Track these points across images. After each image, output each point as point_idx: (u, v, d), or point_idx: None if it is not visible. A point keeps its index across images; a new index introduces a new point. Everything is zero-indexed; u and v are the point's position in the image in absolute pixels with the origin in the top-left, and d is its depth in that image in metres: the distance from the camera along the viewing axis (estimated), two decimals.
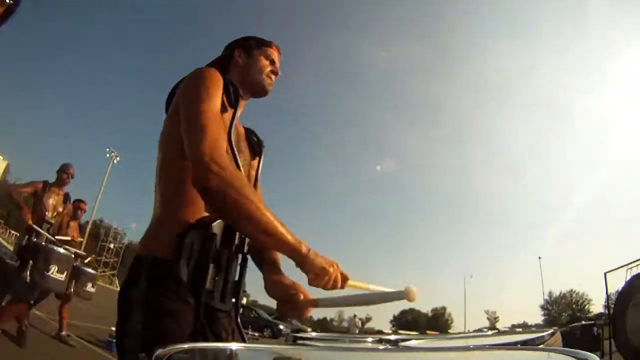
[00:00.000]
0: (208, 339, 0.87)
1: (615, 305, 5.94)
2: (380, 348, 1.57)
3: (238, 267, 1.06)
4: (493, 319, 51.01)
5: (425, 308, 61.49)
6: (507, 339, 1.80)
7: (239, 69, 1.20)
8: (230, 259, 1.01)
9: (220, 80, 1.04)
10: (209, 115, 0.95)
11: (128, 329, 0.86)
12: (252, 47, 1.23)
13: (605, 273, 7.14)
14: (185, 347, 0.60)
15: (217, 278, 0.96)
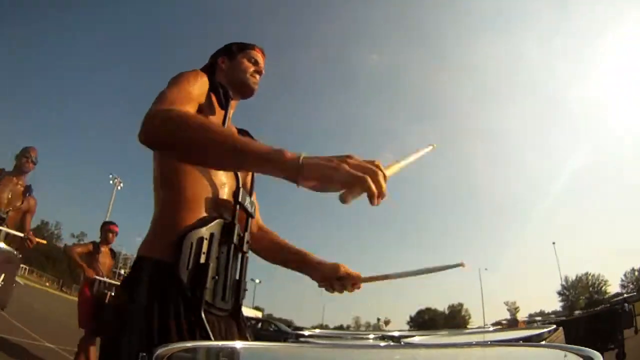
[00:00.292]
0: (209, 338, 0.86)
1: None
2: (382, 345, 1.57)
3: (238, 266, 1.06)
4: (514, 310, 50.83)
5: (442, 306, 61.57)
6: (509, 335, 1.80)
7: (224, 73, 1.22)
8: (230, 258, 1.01)
9: (201, 75, 1.06)
10: (174, 89, 0.96)
11: (127, 328, 0.86)
12: (234, 51, 1.25)
13: None
14: (187, 345, 0.60)
15: (217, 277, 0.97)
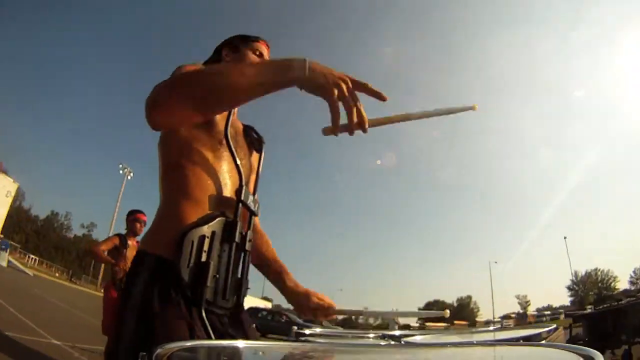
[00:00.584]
0: (210, 337, 0.86)
1: None
2: (383, 344, 1.57)
3: (240, 264, 1.06)
4: (525, 303, 50.82)
5: (451, 299, 61.55)
6: (509, 335, 1.80)
7: None
8: (232, 257, 1.01)
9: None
10: (179, 73, 0.96)
11: (127, 327, 0.85)
12: (238, 44, 1.24)
13: None
14: (187, 345, 0.60)
15: (218, 276, 0.96)
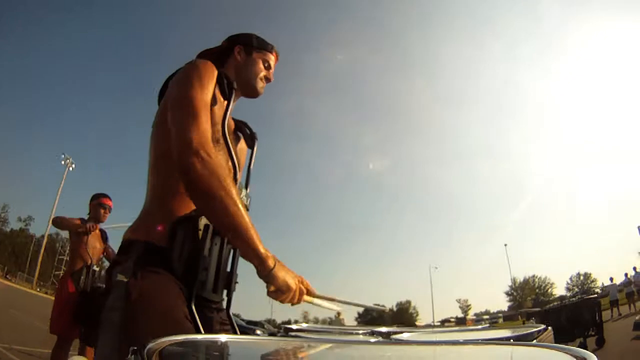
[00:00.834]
0: (200, 331, 0.85)
1: None
2: (372, 340, 1.57)
3: (230, 258, 1.05)
4: (465, 307, 52.08)
5: (390, 303, 62.46)
6: (499, 334, 1.81)
7: (236, 66, 1.21)
8: (222, 251, 1.00)
9: (215, 73, 1.05)
10: (201, 104, 0.96)
11: (115, 318, 0.82)
12: (253, 47, 1.23)
13: None
14: (178, 339, 0.59)
15: (208, 269, 0.96)
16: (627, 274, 14.74)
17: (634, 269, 14.21)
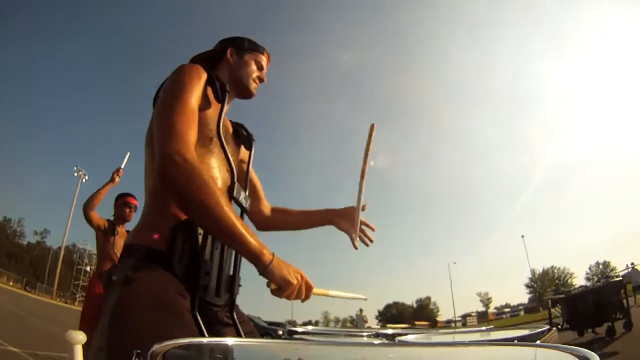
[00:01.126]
0: (203, 334, 0.86)
1: None
2: (377, 342, 1.57)
3: (232, 261, 1.06)
4: (486, 300, 51.54)
5: (410, 300, 62.19)
6: (503, 335, 1.81)
7: (228, 68, 1.22)
8: (224, 253, 1.00)
9: (202, 76, 1.05)
10: (180, 110, 0.95)
11: (118, 322, 0.81)
12: (244, 48, 1.24)
13: None
14: (182, 342, 0.59)
15: (210, 272, 0.96)
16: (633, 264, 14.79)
17: None
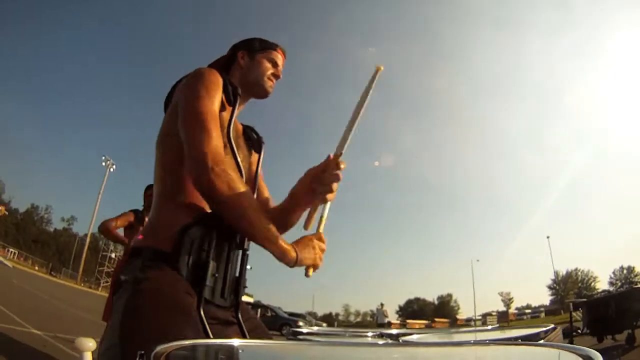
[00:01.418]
0: (208, 335, 0.86)
1: None
2: (381, 343, 1.57)
3: (238, 263, 1.06)
4: (507, 300, 51.06)
5: (431, 296, 61.83)
6: (507, 334, 1.80)
7: (241, 70, 1.22)
8: (231, 255, 1.01)
9: (220, 81, 1.06)
10: (210, 116, 0.98)
11: (129, 321, 0.82)
12: (255, 49, 1.24)
13: None
14: (186, 343, 0.59)
15: (217, 274, 0.96)
16: None
17: None
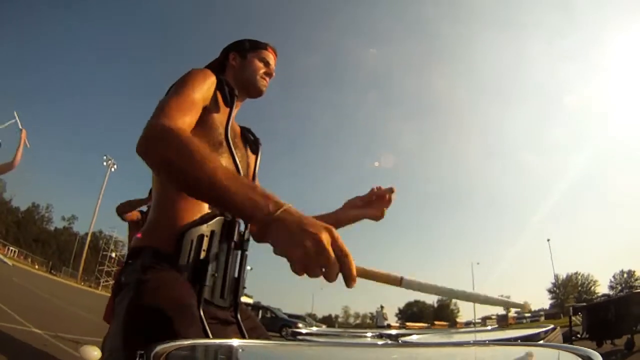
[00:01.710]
0: (208, 335, 0.86)
1: None
2: (380, 343, 1.57)
3: (237, 264, 1.06)
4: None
5: (431, 299, 61.86)
6: (507, 335, 1.80)
7: (234, 71, 1.22)
8: (230, 256, 1.01)
9: (209, 78, 1.05)
10: (175, 97, 0.93)
11: (132, 322, 0.80)
12: (246, 49, 1.24)
13: None
14: (185, 343, 0.60)
15: (216, 274, 0.96)
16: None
17: None
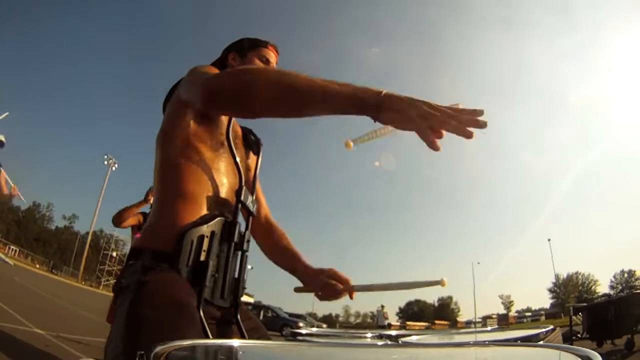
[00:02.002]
0: (208, 336, 0.86)
1: None
2: (380, 344, 1.57)
3: (238, 264, 1.06)
4: (508, 303, 50.91)
5: (432, 298, 61.87)
6: (507, 335, 1.80)
7: None
8: (230, 256, 1.01)
9: (213, 72, 1.07)
10: (196, 72, 1.01)
11: (135, 325, 0.80)
12: (245, 48, 1.24)
13: None
14: (185, 343, 0.59)
15: (216, 275, 0.96)
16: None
17: None
